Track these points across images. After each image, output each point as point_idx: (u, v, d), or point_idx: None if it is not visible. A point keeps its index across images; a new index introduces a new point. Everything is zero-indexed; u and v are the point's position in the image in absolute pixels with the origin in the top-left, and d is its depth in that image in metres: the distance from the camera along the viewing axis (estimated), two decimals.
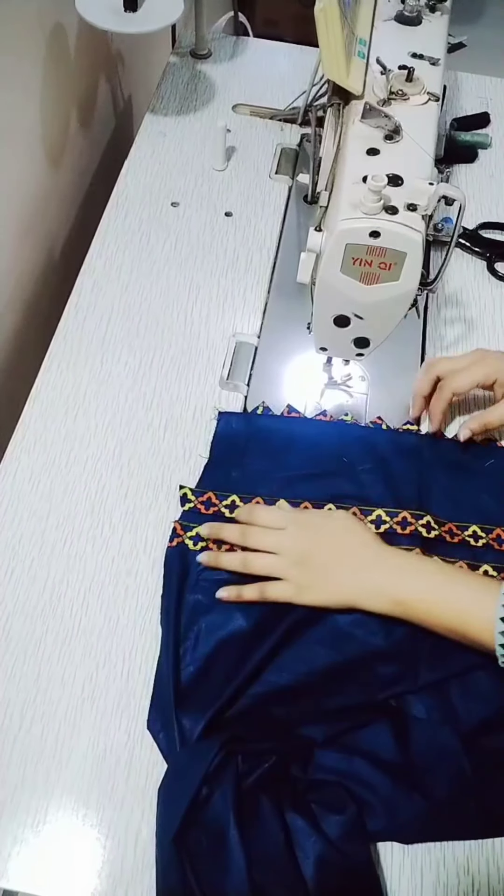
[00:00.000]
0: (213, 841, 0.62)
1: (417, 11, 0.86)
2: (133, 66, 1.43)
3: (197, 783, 0.63)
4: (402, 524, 0.79)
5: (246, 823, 0.62)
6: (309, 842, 0.63)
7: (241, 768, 0.65)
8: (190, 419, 0.89)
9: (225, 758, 0.64)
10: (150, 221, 1.07)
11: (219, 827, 0.62)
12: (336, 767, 0.68)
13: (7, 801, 0.67)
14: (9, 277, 1.06)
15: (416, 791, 0.66)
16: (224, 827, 0.62)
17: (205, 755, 0.64)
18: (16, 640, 0.74)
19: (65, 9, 1.03)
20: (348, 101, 0.78)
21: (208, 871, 0.61)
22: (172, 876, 0.61)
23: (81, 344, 0.95)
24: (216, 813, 0.63)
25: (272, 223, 1.08)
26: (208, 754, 0.64)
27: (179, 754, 0.67)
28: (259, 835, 0.62)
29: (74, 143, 1.21)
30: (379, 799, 0.66)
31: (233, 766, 0.64)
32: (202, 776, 0.63)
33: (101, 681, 0.73)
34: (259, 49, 1.32)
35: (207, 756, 0.64)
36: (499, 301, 1.02)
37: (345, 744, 0.69)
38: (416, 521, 0.78)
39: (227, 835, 0.62)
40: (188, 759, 0.66)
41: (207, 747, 0.65)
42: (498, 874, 0.66)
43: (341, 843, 0.63)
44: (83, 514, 0.82)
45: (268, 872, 0.61)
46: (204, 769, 0.63)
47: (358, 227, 0.67)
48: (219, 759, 0.64)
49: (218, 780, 0.64)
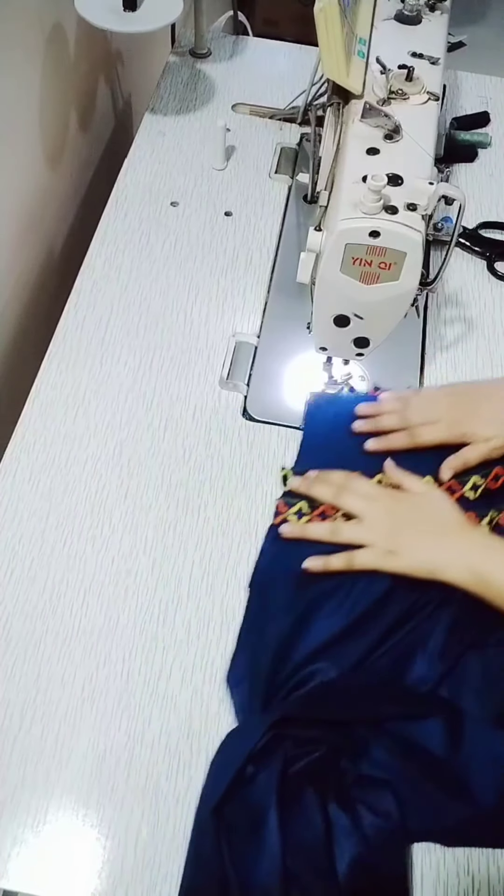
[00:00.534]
0: (252, 819, 0.63)
1: (417, 11, 0.86)
2: (132, 66, 1.43)
3: (242, 759, 0.64)
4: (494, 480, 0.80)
5: (287, 809, 0.64)
6: (348, 841, 0.63)
7: (289, 753, 0.66)
8: (190, 419, 0.89)
9: (274, 739, 0.66)
10: (150, 221, 1.07)
11: (260, 807, 0.63)
12: (386, 762, 0.67)
13: (7, 801, 0.67)
14: (9, 277, 1.06)
15: (463, 795, 0.66)
16: (265, 808, 0.63)
17: (253, 732, 0.66)
18: (16, 640, 0.74)
19: (64, 8, 1.03)
20: (348, 101, 0.78)
21: (242, 847, 0.63)
22: (207, 844, 0.63)
23: (81, 344, 0.95)
24: (259, 793, 0.64)
25: (272, 223, 1.08)
26: (257, 732, 0.66)
27: (233, 731, 0.68)
28: (299, 822, 0.63)
29: (74, 142, 1.21)
30: (426, 800, 0.66)
31: (281, 750, 0.66)
32: (248, 753, 0.64)
33: (101, 681, 0.73)
34: (259, 48, 1.32)
35: (256, 734, 0.65)
36: (499, 301, 1.02)
37: (397, 735, 0.69)
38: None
39: (267, 816, 0.63)
40: (239, 734, 0.67)
41: (257, 725, 0.66)
42: (498, 874, 0.66)
43: (379, 851, 0.64)
44: (83, 514, 0.82)
45: (301, 860, 0.62)
46: (250, 746, 0.65)
47: (358, 227, 0.67)
48: (266, 739, 0.65)
49: (264, 761, 0.65)
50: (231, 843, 0.63)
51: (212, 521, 0.82)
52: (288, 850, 0.62)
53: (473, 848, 0.67)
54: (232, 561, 0.80)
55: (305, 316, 0.85)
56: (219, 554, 0.80)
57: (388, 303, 0.73)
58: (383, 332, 0.78)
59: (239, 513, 0.83)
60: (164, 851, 0.65)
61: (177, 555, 0.80)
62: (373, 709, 0.71)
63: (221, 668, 0.74)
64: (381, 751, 0.68)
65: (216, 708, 0.72)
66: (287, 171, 1.13)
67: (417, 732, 0.69)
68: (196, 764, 0.69)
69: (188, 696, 0.72)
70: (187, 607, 0.77)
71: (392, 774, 0.67)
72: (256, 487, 0.84)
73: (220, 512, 0.83)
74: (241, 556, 0.80)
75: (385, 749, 0.68)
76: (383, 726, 0.69)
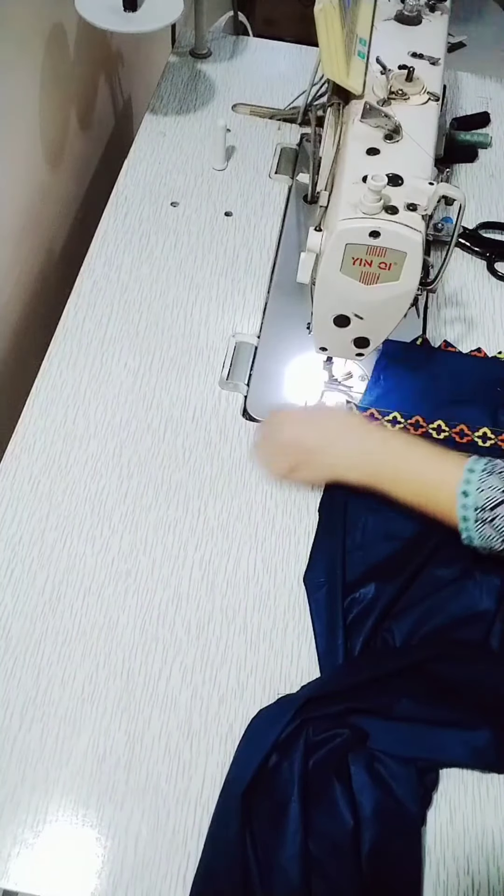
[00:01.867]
0: (274, 809, 0.65)
1: (417, 11, 0.86)
2: (133, 66, 1.43)
3: (268, 747, 0.66)
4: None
5: (311, 801, 0.65)
6: (369, 831, 0.65)
7: (311, 741, 0.67)
8: (190, 419, 0.89)
9: (298, 727, 0.67)
10: (150, 221, 1.07)
11: (283, 798, 0.65)
12: (414, 712, 0.70)
13: (7, 801, 0.67)
14: (9, 277, 1.06)
15: (489, 720, 0.70)
16: (287, 799, 0.65)
17: (280, 719, 0.68)
18: (16, 640, 0.74)
19: (64, 8, 1.03)
20: (348, 101, 0.78)
21: (265, 833, 0.64)
22: (233, 827, 0.64)
23: (81, 344, 0.95)
24: (282, 784, 0.65)
25: (272, 223, 1.08)
26: (283, 718, 0.67)
27: (258, 717, 0.70)
28: (323, 813, 0.65)
29: (74, 142, 1.21)
30: (454, 730, 0.70)
31: (302, 739, 0.67)
32: (274, 741, 0.66)
33: (101, 681, 0.73)
34: (259, 49, 1.31)
35: (282, 720, 0.67)
36: (499, 301, 1.02)
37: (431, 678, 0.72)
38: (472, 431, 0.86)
39: (289, 807, 0.64)
40: (266, 721, 0.69)
41: (283, 711, 0.68)
42: (498, 874, 0.66)
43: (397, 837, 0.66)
44: (83, 514, 0.82)
45: (325, 848, 0.64)
46: (277, 734, 0.66)
47: (358, 227, 0.67)
48: (292, 728, 0.67)
49: (287, 750, 0.66)
50: (254, 828, 0.64)
51: (212, 521, 0.82)
52: (311, 836, 0.64)
53: (473, 848, 0.67)
54: (232, 561, 0.80)
55: (305, 316, 0.85)
56: (219, 554, 0.80)
57: (388, 303, 0.73)
58: (383, 332, 0.78)
59: (239, 513, 0.83)
60: (164, 851, 0.66)
61: (177, 555, 0.80)
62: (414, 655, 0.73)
63: (221, 668, 0.74)
64: (408, 702, 0.70)
65: (216, 708, 0.72)
66: (287, 171, 1.13)
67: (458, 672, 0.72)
68: (195, 764, 0.69)
69: (188, 696, 0.72)
70: (187, 607, 0.77)
71: (423, 715, 0.70)
72: (256, 488, 0.84)
73: (219, 512, 0.83)
74: (241, 556, 0.80)
75: (412, 699, 0.71)
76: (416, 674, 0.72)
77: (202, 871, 0.64)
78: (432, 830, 0.67)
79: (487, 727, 0.70)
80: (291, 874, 0.62)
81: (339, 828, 0.65)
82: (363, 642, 0.74)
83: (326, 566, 0.78)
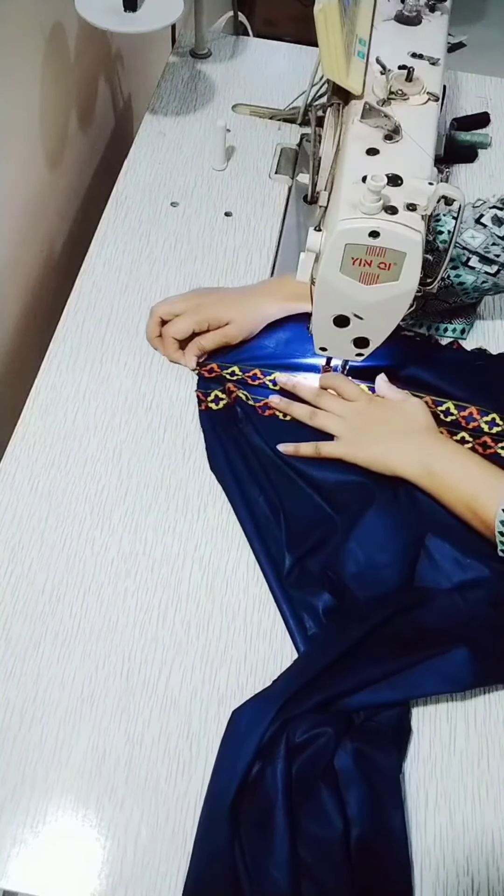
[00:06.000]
0: (260, 816, 0.64)
1: (417, 11, 0.86)
2: (133, 66, 1.43)
3: (251, 754, 0.66)
4: (467, 419, 0.86)
5: (298, 806, 0.65)
6: (353, 791, 0.66)
7: (293, 742, 0.67)
8: (190, 419, 0.89)
9: (279, 728, 0.67)
10: (150, 221, 1.07)
11: (268, 805, 0.64)
12: (390, 668, 0.71)
13: (7, 801, 0.67)
14: (9, 277, 1.06)
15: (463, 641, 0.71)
16: (272, 806, 0.64)
17: (260, 721, 0.67)
18: (15, 640, 0.74)
19: (65, 9, 1.03)
20: (348, 101, 0.77)
21: (254, 842, 0.63)
22: (221, 837, 0.63)
23: (81, 344, 0.95)
24: (267, 789, 0.65)
25: (272, 223, 1.08)
26: (263, 721, 0.67)
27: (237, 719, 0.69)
28: (312, 817, 0.65)
29: (74, 142, 1.21)
30: (428, 662, 0.71)
31: (283, 742, 0.66)
32: (255, 747, 0.66)
33: (101, 681, 0.73)
34: (259, 49, 1.32)
35: (263, 722, 0.67)
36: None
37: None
38: (481, 417, 0.86)
39: (274, 813, 0.64)
40: (246, 725, 0.68)
41: (263, 713, 0.68)
42: (498, 874, 0.66)
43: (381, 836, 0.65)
44: (83, 514, 0.82)
45: (314, 852, 0.63)
46: (258, 738, 0.66)
47: (357, 227, 0.67)
48: (273, 730, 0.67)
49: (270, 755, 0.66)
50: (242, 837, 0.64)
51: (211, 521, 0.82)
52: (300, 842, 0.63)
53: (473, 848, 0.67)
54: (232, 562, 0.80)
55: None
56: (218, 555, 0.80)
57: (387, 303, 0.73)
58: (383, 332, 0.78)
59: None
60: (164, 851, 0.66)
61: (176, 556, 0.80)
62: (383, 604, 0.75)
63: (221, 668, 0.74)
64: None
65: (216, 708, 0.72)
66: (287, 171, 1.13)
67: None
68: (195, 764, 0.69)
69: (188, 696, 0.72)
70: (187, 608, 0.77)
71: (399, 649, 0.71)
72: None
73: (219, 513, 0.83)
74: (241, 556, 0.80)
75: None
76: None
77: (191, 881, 0.63)
78: (432, 830, 0.67)
79: (462, 645, 0.71)
80: (281, 880, 0.62)
81: (328, 832, 0.64)
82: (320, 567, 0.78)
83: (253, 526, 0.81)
